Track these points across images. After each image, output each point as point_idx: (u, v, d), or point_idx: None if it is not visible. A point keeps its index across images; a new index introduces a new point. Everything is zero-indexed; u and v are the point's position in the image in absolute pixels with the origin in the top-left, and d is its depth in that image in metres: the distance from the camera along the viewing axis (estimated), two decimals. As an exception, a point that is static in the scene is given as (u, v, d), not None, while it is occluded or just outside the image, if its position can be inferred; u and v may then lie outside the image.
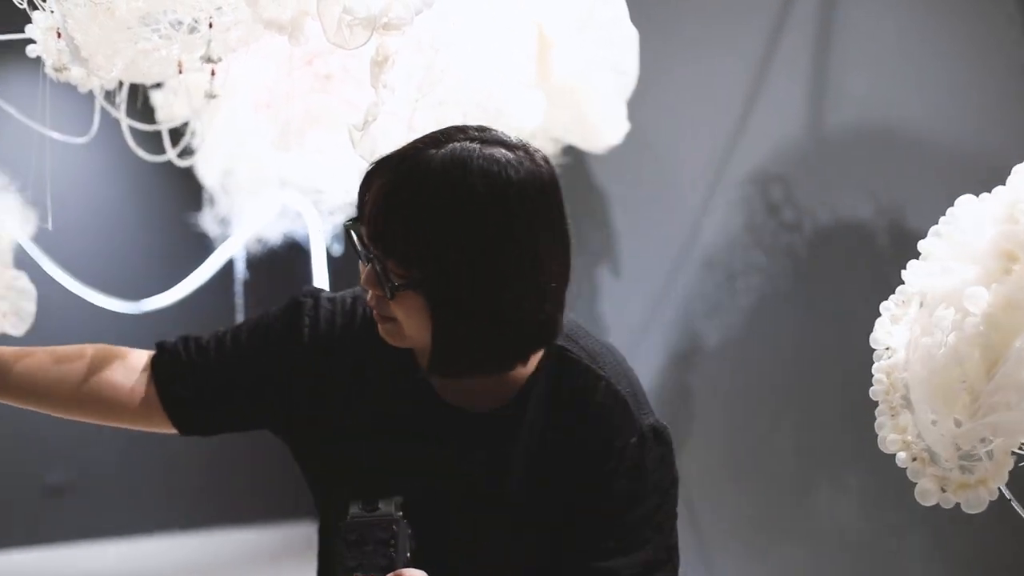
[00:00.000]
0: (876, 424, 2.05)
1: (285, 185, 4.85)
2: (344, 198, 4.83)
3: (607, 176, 5.00)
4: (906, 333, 2.06)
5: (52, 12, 2.52)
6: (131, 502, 7.61)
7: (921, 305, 2.05)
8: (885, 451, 2.02)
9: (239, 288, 5.43)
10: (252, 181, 4.82)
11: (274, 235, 5.33)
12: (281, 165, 4.62)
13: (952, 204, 2.14)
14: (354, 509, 1.82)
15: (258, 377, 2.06)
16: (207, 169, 4.88)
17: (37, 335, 3.32)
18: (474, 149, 1.78)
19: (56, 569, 7.14)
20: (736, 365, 4.14)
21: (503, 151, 1.79)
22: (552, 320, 1.86)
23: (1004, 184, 2.05)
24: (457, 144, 1.79)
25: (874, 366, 2.07)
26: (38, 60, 2.77)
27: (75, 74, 2.76)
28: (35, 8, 2.54)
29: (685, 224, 4.44)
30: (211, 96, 2.46)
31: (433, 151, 1.79)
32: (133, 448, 7.60)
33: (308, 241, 5.32)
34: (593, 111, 3.25)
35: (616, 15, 3.20)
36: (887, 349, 2.08)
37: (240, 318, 5.60)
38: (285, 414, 2.06)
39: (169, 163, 3.35)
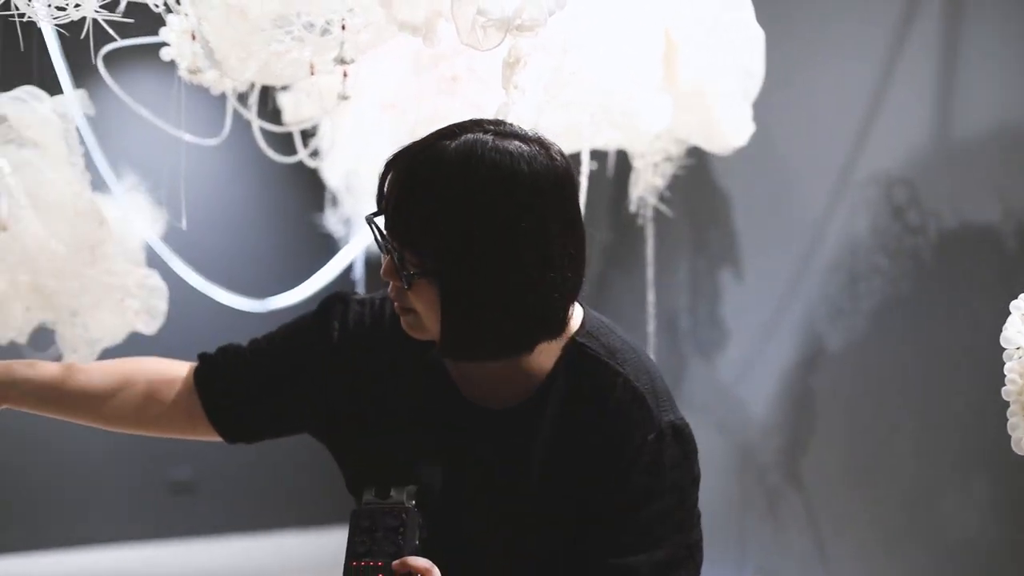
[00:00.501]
0: (1009, 425, 2.02)
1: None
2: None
3: (730, 178, 4.98)
4: None
5: (187, 15, 2.57)
6: (254, 499, 7.69)
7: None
8: (1020, 452, 1.99)
9: (362, 289, 5.48)
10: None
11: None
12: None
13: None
14: (367, 496, 1.89)
15: (294, 381, 2.11)
16: (332, 170, 4.93)
17: (166, 333, 3.38)
18: (487, 141, 1.81)
19: (182, 564, 7.24)
20: (858, 368, 4.10)
21: (517, 144, 1.82)
22: (559, 312, 1.87)
23: None
24: (471, 136, 1.83)
25: (1006, 366, 2.04)
26: (171, 63, 2.82)
27: (208, 77, 2.81)
28: (170, 12, 2.59)
29: (808, 227, 4.40)
30: (344, 97, 2.49)
31: (447, 142, 1.83)
32: (256, 445, 7.69)
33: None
34: (719, 113, 3.23)
35: (743, 17, 3.19)
36: (1018, 349, 2.05)
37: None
38: (322, 414, 2.11)
39: (297, 164, 3.39)
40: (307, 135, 3.46)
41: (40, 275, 2.72)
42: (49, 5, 2.26)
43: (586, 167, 2.87)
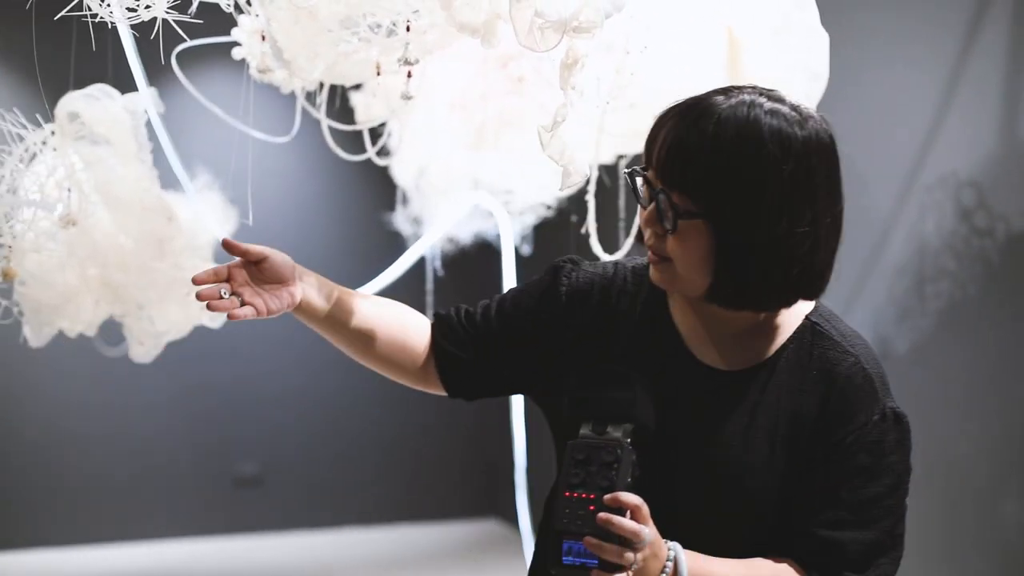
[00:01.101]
0: None
1: (477, 185, 4.91)
2: (534, 198, 4.87)
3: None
4: None
5: (257, 16, 2.61)
6: (319, 495, 7.76)
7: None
8: None
9: (430, 287, 5.51)
10: (445, 181, 4.89)
11: (465, 235, 5.40)
12: (473, 165, 4.68)
13: None
14: (584, 430, 1.91)
15: (523, 337, 2.19)
16: (402, 169, 4.97)
17: (232, 328, 3.42)
18: (762, 103, 1.91)
19: (246, 558, 7.32)
20: (926, 371, 4.09)
21: (787, 109, 1.92)
22: (823, 270, 1.95)
23: None
24: (746, 96, 1.92)
25: None
26: (242, 62, 2.87)
27: (278, 76, 2.85)
28: (240, 12, 2.63)
29: (875, 229, 4.39)
30: (407, 97, 2.52)
31: (721, 98, 1.92)
32: (318, 443, 7.76)
33: (498, 241, 5.36)
34: (784, 115, 3.22)
35: (808, 19, 3.18)
36: None
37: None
38: (549, 367, 2.15)
39: (364, 163, 3.43)
40: (375, 134, 3.50)
41: (109, 269, 2.78)
42: (121, 6, 2.31)
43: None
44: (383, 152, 3.46)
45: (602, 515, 1.77)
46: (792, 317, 2.04)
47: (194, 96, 3.10)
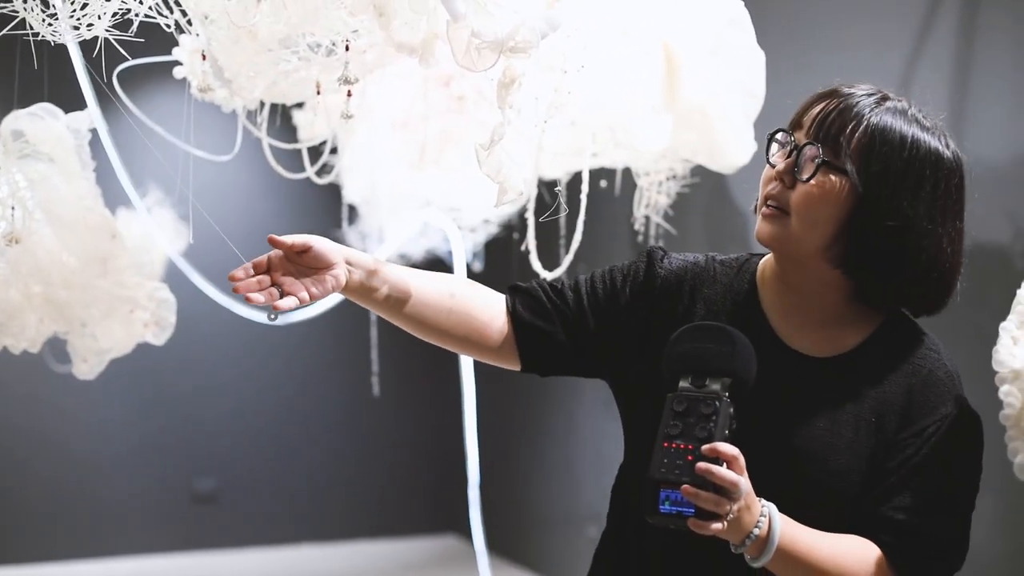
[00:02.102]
0: (1009, 451, 2.02)
1: (427, 203, 4.94)
2: (483, 215, 4.90)
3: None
4: (1022, 353, 2.05)
5: (198, 35, 2.63)
6: (276, 511, 7.73)
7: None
8: (1023, 478, 1.99)
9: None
10: (394, 199, 4.91)
11: (416, 252, 5.43)
12: (422, 183, 4.71)
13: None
14: (683, 383, 1.94)
15: (614, 315, 2.25)
16: (350, 186, 4.99)
17: (183, 345, 3.44)
18: (917, 113, 2.07)
19: (204, 574, 7.29)
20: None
21: (938, 128, 2.09)
22: (948, 283, 2.07)
23: None
24: (906, 102, 2.09)
25: (1002, 390, 2.05)
26: (183, 81, 2.89)
27: (219, 95, 2.87)
28: (182, 31, 2.65)
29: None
30: (347, 117, 2.53)
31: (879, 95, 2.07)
32: (279, 457, 7.74)
33: (450, 258, 5.39)
34: (722, 133, 3.26)
35: (744, 39, 3.22)
36: (1013, 372, 2.06)
37: (375, 332, 5.70)
38: (632, 352, 2.22)
39: (311, 181, 3.45)
40: (317, 152, 3.51)
41: (52, 287, 2.78)
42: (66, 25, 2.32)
43: (586, 185, 2.91)
44: (324, 170, 3.47)
45: (701, 464, 1.80)
46: (873, 315, 2.12)
47: (139, 116, 3.11)
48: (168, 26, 2.57)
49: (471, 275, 5.49)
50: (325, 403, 7.85)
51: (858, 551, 2.02)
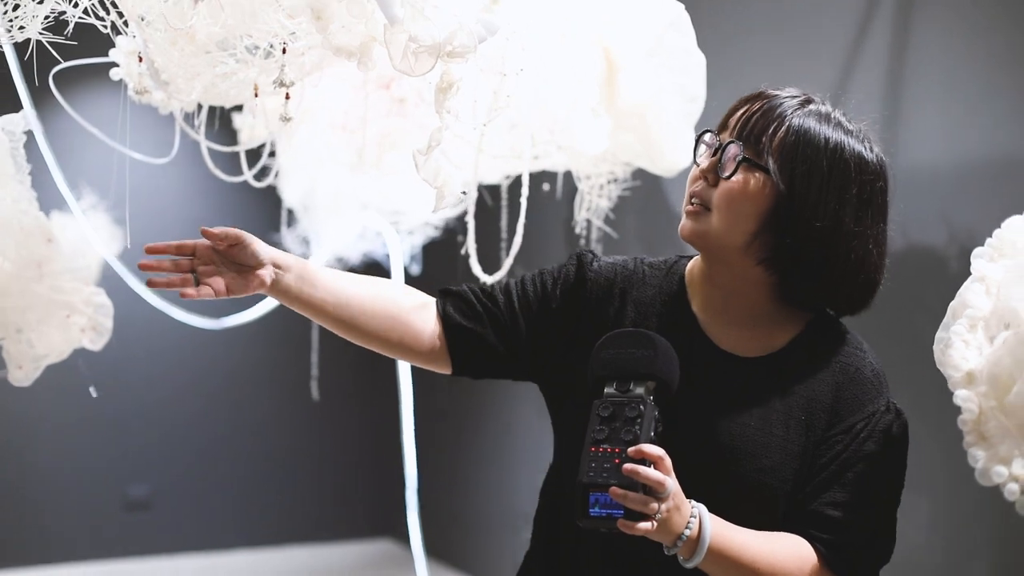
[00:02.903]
0: (970, 457, 2.03)
1: (365, 206, 4.92)
2: (422, 218, 4.89)
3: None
4: (977, 357, 2.06)
5: (134, 37, 2.60)
6: (210, 517, 7.68)
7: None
8: (986, 484, 2.00)
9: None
10: (332, 202, 4.90)
11: (354, 255, 5.41)
12: (360, 186, 4.70)
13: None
14: (609, 389, 2.01)
15: (545, 317, 2.31)
16: (288, 189, 4.97)
17: (117, 349, 3.40)
18: (842, 119, 2.15)
19: (138, 581, 7.25)
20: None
21: (862, 133, 2.16)
22: (873, 283, 2.16)
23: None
24: (829, 106, 2.17)
25: (959, 394, 2.06)
26: (120, 83, 2.86)
27: (156, 97, 2.84)
28: (118, 33, 2.62)
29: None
30: (286, 119, 2.51)
31: (806, 99, 2.15)
32: (208, 464, 7.68)
33: (387, 261, 5.39)
34: (661, 135, 3.27)
35: (684, 42, 3.23)
36: (968, 374, 2.08)
37: (316, 337, 5.69)
38: (564, 353, 2.28)
39: (249, 184, 3.43)
40: (256, 155, 3.50)
41: (-13, 292, 2.75)
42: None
43: (526, 189, 2.91)
44: (264, 173, 3.45)
45: (628, 466, 1.86)
46: (799, 315, 2.20)
47: (75, 118, 3.07)
48: (105, 27, 2.55)
49: (409, 278, 5.49)
50: (262, 408, 7.81)
51: (790, 548, 2.07)
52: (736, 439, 2.11)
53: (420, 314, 2.32)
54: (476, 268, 2.83)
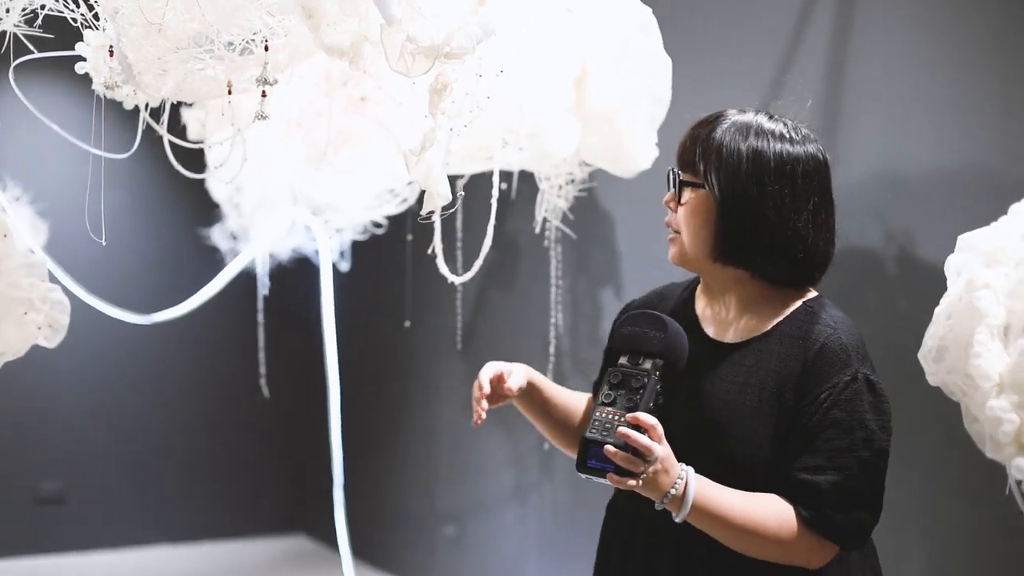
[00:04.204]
0: (1015, 469, 2.07)
1: (296, 202, 4.89)
2: (356, 216, 4.86)
3: (613, 202, 5.07)
4: (999, 364, 2.09)
5: (105, 30, 2.55)
6: (124, 513, 7.57)
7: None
8: None
9: (260, 304, 5.45)
10: (264, 197, 4.85)
11: (283, 251, 5.38)
12: (295, 182, 4.66)
13: (957, 231, 2.33)
14: (622, 360, 2.31)
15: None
16: (218, 184, 4.91)
17: (33, 346, 3.31)
18: (763, 119, 2.43)
19: (48, 579, 7.14)
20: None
21: (788, 128, 2.44)
22: (807, 259, 2.38)
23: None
24: (752, 112, 2.46)
25: (994, 405, 2.10)
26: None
27: (122, 92, 2.78)
28: (87, 27, 2.57)
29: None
30: (263, 117, 2.49)
31: (734, 111, 2.45)
32: (121, 460, 7.57)
33: (317, 256, 5.35)
34: (627, 138, 3.29)
35: (652, 44, 3.25)
36: (998, 384, 2.11)
37: (262, 333, 5.64)
38: None
39: (179, 177, 3.38)
40: (198, 151, 3.45)
41: (-56, 289, 2.68)
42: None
43: (496, 189, 2.90)
44: (200, 169, 3.41)
45: (621, 429, 2.15)
46: (792, 300, 2.44)
47: (37, 115, 3.01)
48: (75, 20, 2.50)
49: (337, 275, 5.46)
50: (175, 405, 7.72)
51: (771, 507, 2.30)
52: (715, 412, 2.39)
53: None
54: (443, 268, 2.83)
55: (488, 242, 2.75)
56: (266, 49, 2.39)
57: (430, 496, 6.74)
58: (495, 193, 2.79)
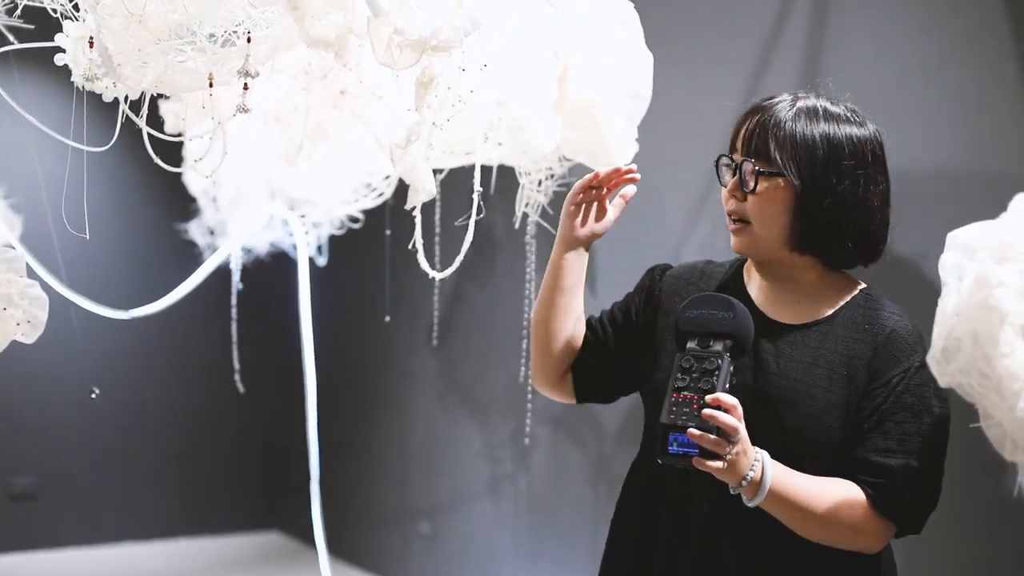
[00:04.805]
0: None
1: (274, 196, 4.87)
2: (334, 211, 4.85)
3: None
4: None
5: (84, 21, 2.53)
6: (98, 510, 7.53)
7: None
8: None
9: (234, 299, 5.42)
10: (242, 191, 4.83)
11: (261, 245, 5.36)
12: (270, 176, 4.64)
13: (937, 228, 2.40)
14: (691, 344, 2.29)
15: (632, 333, 2.71)
16: (195, 179, 4.89)
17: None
18: (826, 104, 2.46)
19: (21, 575, 7.08)
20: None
21: (849, 111, 2.48)
22: (877, 236, 2.45)
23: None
24: (813, 97, 2.48)
25: None
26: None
27: (101, 84, 2.76)
28: (67, 18, 2.55)
29: (666, 245, 4.49)
30: (244, 110, 2.47)
31: (790, 98, 2.46)
32: (101, 455, 7.54)
33: (294, 251, 5.34)
34: (607, 133, 3.29)
35: (634, 39, 3.25)
36: None
37: (235, 328, 5.61)
38: (652, 347, 2.63)
39: (156, 171, 3.35)
40: (174, 144, 3.44)
41: (-79, 283, 2.66)
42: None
43: (478, 184, 2.88)
44: (177, 162, 3.39)
45: (707, 411, 2.14)
46: (848, 287, 2.51)
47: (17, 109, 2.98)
48: (55, 11, 2.48)
49: (314, 270, 5.44)
50: (144, 400, 7.69)
51: (841, 491, 2.32)
52: (784, 391, 2.39)
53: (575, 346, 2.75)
54: (424, 264, 2.81)
55: (469, 238, 2.74)
56: (248, 41, 2.38)
57: (405, 491, 6.74)
58: (476, 188, 2.77)
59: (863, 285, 2.52)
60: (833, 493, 2.31)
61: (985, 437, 2.21)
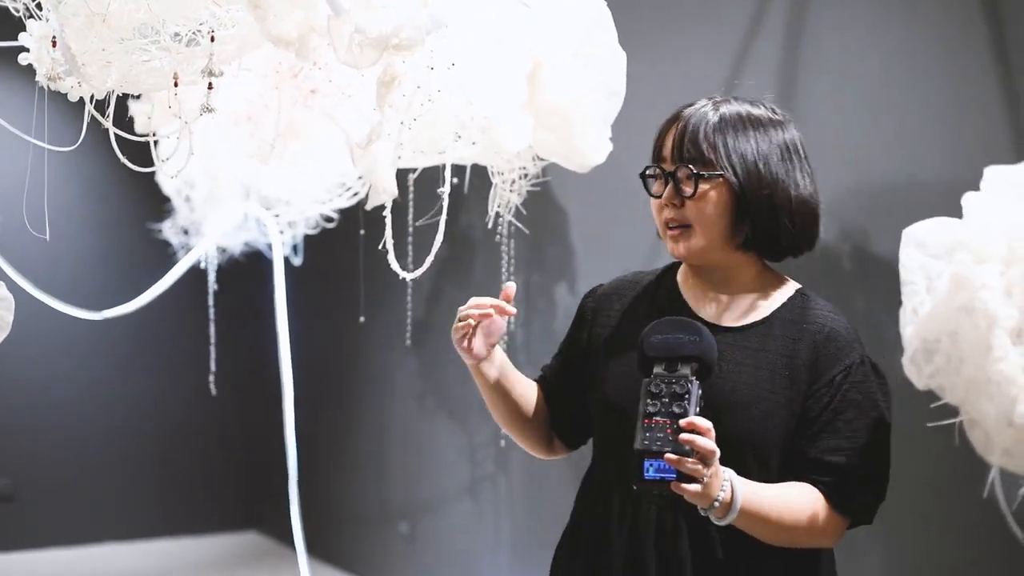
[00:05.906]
0: None
1: (248, 196, 4.86)
2: (309, 210, 4.83)
3: (567, 196, 5.05)
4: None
5: (48, 20, 2.51)
6: (75, 510, 7.52)
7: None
8: None
9: (211, 300, 5.41)
10: (216, 191, 4.82)
11: (235, 245, 5.34)
12: (247, 176, 4.62)
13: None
14: (658, 369, 2.25)
15: (579, 363, 2.69)
16: (168, 179, 4.86)
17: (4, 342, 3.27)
18: (748, 107, 2.47)
19: (-2, 575, 7.08)
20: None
21: (768, 111, 2.50)
22: (812, 226, 2.47)
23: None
24: (734, 101, 2.49)
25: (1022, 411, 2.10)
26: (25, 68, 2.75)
27: (66, 83, 2.74)
28: (31, 17, 2.53)
29: (643, 245, 4.47)
30: (209, 110, 2.45)
31: (710, 103, 2.48)
32: (78, 456, 7.52)
33: (269, 251, 5.32)
34: (581, 133, 3.28)
35: (607, 38, 3.24)
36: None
37: (213, 328, 5.60)
38: (594, 365, 2.63)
39: (129, 171, 3.33)
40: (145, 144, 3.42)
41: None
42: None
43: (448, 184, 2.87)
44: (146, 163, 3.37)
45: (685, 435, 2.12)
46: (783, 287, 2.52)
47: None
48: (17, 11, 2.46)
49: (290, 269, 5.42)
50: (122, 400, 7.66)
51: (805, 499, 2.34)
52: (729, 395, 2.38)
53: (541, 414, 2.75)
54: (394, 264, 2.80)
55: (440, 237, 2.72)
56: (212, 40, 2.36)
57: (384, 491, 6.73)
58: (446, 188, 2.76)
59: (798, 285, 2.54)
60: (798, 501, 2.33)
61: (958, 437, 2.19)
